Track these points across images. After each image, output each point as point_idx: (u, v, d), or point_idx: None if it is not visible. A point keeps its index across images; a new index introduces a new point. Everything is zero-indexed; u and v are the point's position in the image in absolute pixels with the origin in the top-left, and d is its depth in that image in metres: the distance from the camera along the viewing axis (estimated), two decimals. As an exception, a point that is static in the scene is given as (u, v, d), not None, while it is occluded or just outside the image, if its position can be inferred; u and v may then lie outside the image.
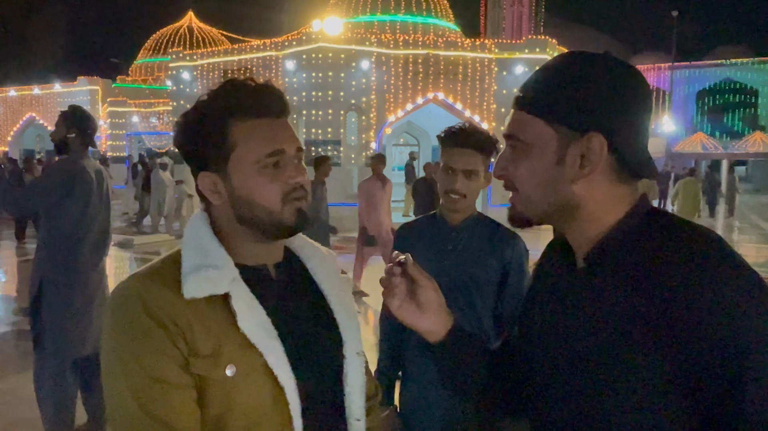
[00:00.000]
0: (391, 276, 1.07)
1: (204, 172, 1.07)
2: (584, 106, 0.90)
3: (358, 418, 1.17)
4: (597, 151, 0.89)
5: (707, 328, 0.79)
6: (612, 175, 0.92)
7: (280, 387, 1.02)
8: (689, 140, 35.34)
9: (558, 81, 0.92)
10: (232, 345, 1.00)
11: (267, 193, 1.05)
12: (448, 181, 2.00)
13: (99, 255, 3.46)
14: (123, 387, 0.97)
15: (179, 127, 1.09)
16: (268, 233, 1.09)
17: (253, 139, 1.05)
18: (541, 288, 1.08)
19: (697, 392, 0.81)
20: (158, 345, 0.97)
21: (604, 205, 0.93)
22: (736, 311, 0.78)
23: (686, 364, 0.81)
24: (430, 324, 1.09)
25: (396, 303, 1.07)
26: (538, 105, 0.93)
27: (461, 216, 2.07)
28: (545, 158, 0.93)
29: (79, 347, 3.33)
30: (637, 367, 0.84)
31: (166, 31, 35.83)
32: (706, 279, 0.80)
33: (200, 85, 16.99)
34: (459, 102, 14.81)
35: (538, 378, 1.02)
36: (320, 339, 1.15)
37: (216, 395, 0.99)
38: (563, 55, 0.95)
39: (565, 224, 0.97)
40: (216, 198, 1.07)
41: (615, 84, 0.90)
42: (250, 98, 1.06)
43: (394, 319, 1.06)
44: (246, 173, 1.05)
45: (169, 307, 0.98)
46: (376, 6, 18.16)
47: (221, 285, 1.02)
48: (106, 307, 1.04)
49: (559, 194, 0.93)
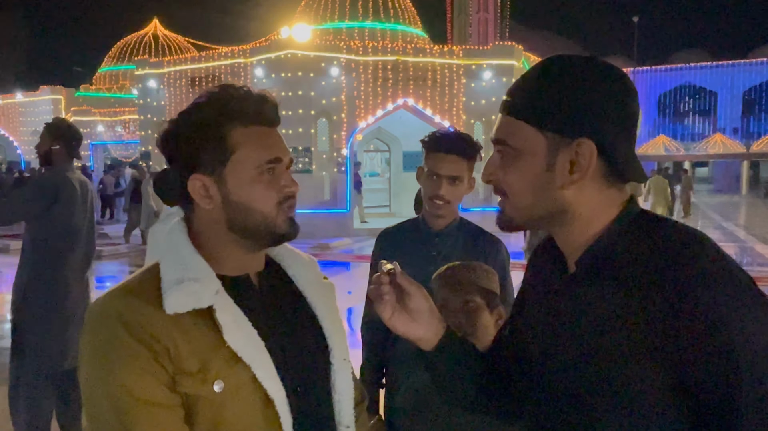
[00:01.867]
0: (380, 285, 1.05)
1: (196, 175, 1.04)
2: (573, 112, 0.89)
3: (347, 425, 1.16)
4: (587, 157, 0.89)
5: (700, 332, 0.78)
6: (601, 180, 0.92)
7: (269, 400, 1.01)
8: (652, 143, 36.13)
9: (546, 86, 0.92)
10: (219, 360, 0.98)
11: (263, 199, 1.05)
12: (433, 186, 1.99)
13: (83, 268, 3.44)
14: (106, 408, 0.93)
15: (170, 130, 1.07)
16: (259, 240, 1.08)
17: (253, 144, 1.05)
18: (531, 292, 1.08)
19: (690, 396, 0.81)
20: (142, 365, 0.93)
21: (594, 209, 0.93)
22: (729, 314, 0.78)
23: (679, 368, 0.80)
24: (423, 332, 1.07)
25: (387, 313, 1.06)
26: (527, 110, 0.93)
27: (445, 221, 2.06)
28: (535, 164, 0.92)
29: (59, 361, 3.28)
30: (630, 372, 0.84)
31: (130, 39, 35.19)
32: (698, 283, 0.80)
33: (167, 92, 16.74)
34: (429, 108, 14.89)
35: (531, 381, 1.01)
36: (307, 348, 1.13)
37: (205, 412, 0.97)
38: (550, 59, 0.95)
39: (556, 229, 0.97)
40: (206, 202, 1.05)
41: (603, 89, 0.90)
42: (251, 104, 1.06)
43: (377, 327, 1.05)
44: (244, 178, 1.04)
45: (151, 324, 0.95)
46: (344, 13, 18.19)
47: (204, 298, 0.99)
48: (83, 326, 0.99)
49: (548, 200, 0.93)
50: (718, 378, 0.78)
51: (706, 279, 0.80)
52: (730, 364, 0.78)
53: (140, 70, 17.42)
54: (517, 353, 1.08)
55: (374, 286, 1.06)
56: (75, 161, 3.55)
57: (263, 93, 1.09)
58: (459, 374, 1.11)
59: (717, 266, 0.82)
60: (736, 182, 36.42)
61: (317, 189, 14.34)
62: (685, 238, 0.86)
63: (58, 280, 3.27)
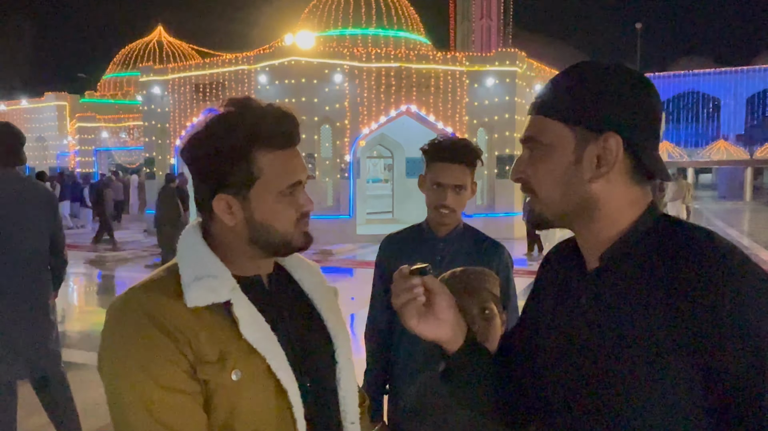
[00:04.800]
0: (411, 288, 1.04)
1: (221, 195, 1.10)
2: (600, 106, 0.92)
3: (352, 421, 1.22)
4: (613, 151, 0.91)
5: (727, 327, 0.80)
6: (628, 176, 0.94)
7: (283, 391, 1.06)
8: (656, 149, 36.01)
9: (573, 84, 0.95)
10: (236, 351, 1.04)
11: (284, 219, 1.12)
12: (438, 196, 2.01)
13: (26, 280, 3.28)
14: (132, 398, 0.98)
15: (200, 149, 1.10)
16: (275, 251, 1.15)
17: (277, 170, 1.10)
18: (546, 294, 1.09)
19: (716, 392, 0.82)
20: (166, 354, 0.99)
21: (621, 206, 0.95)
22: (756, 311, 0.80)
23: (706, 363, 0.81)
24: (452, 333, 1.07)
25: (415, 319, 1.04)
26: (556, 107, 0.96)
27: (449, 227, 2.09)
28: (563, 158, 0.95)
29: (5, 371, 3.20)
30: (655, 366, 0.84)
31: (135, 46, 35.39)
32: (725, 279, 0.82)
33: (172, 99, 16.80)
34: (432, 114, 14.92)
35: (545, 381, 1.02)
36: (315, 345, 1.20)
37: (222, 400, 1.02)
38: (578, 64, 0.99)
39: (582, 225, 0.98)
40: (229, 219, 1.10)
41: (629, 87, 0.93)
42: (275, 127, 1.10)
43: (381, 335, 1.04)
44: (267, 200, 1.10)
45: (174, 316, 1.01)
46: (347, 20, 18.27)
47: (222, 293, 1.05)
48: (105, 320, 1.05)
49: (577, 194, 0.95)
50: (744, 373, 0.80)
51: (732, 275, 0.82)
52: (757, 360, 0.79)
53: (145, 76, 17.49)
54: (530, 353, 1.09)
55: (400, 290, 1.04)
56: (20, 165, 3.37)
57: (288, 113, 1.13)
58: (482, 376, 1.12)
59: (742, 264, 0.84)
60: (740, 189, 36.34)
61: (320, 195, 14.36)
62: (710, 239, 0.88)
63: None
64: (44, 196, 3.42)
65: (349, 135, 14.69)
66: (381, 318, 2.17)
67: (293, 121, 1.13)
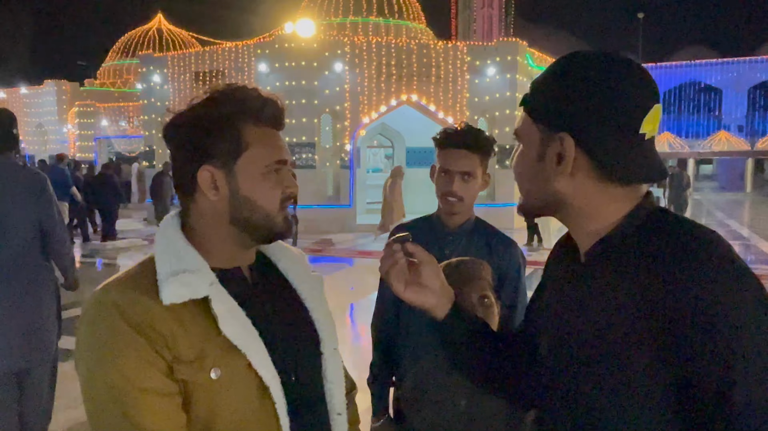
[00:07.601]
0: (391, 251, 1.09)
1: (206, 166, 1.07)
2: (557, 106, 0.92)
3: (339, 412, 1.20)
4: (568, 151, 0.91)
5: (701, 329, 0.79)
6: (595, 176, 0.92)
7: (264, 387, 1.03)
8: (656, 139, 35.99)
9: (545, 81, 0.96)
10: (215, 348, 1.00)
11: (268, 197, 1.09)
12: (445, 183, 1.97)
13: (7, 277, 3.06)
14: (106, 398, 0.95)
15: (184, 119, 1.09)
16: (256, 235, 1.12)
17: (264, 144, 1.09)
18: (547, 283, 1.11)
19: (686, 392, 0.82)
20: (140, 354, 0.96)
21: (596, 203, 0.94)
22: (730, 315, 0.79)
23: (678, 363, 0.81)
24: (437, 300, 1.12)
25: (401, 284, 1.10)
26: (531, 104, 0.97)
27: (459, 219, 2.03)
28: (531, 153, 0.97)
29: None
30: (632, 361, 0.85)
31: (134, 34, 35.24)
32: (702, 281, 0.81)
33: (171, 87, 16.74)
34: (432, 104, 14.86)
35: (542, 369, 1.04)
36: (299, 338, 1.17)
37: (201, 399, 0.99)
38: (566, 55, 0.97)
39: (564, 219, 0.99)
40: (213, 194, 1.08)
41: (594, 83, 0.90)
42: (262, 106, 1.10)
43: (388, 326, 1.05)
44: (253, 174, 1.08)
45: (148, 314, 0.97)
46: (348, 8, 18.17)
47: (200, 289, 1.01)
48: (80, 317, 1.02)
49: (542, 190, 0.96)
50: (713, 377, 0.79)
51: (711, 278, 0.80)
52: (728, 362, 0.78)
53: (144, 65, 17.42)
54: (531, 340, 1.11)
55: (384, 252, 1.11)
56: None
57: (275, 97, 1.13)
58: (472, 343, 1.15)
59: (725, 267, 0.82)
60: (741, 180, 36.29)
61: (320, 184, 14.36)
62: (698, 237, 0.86)
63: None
64: (27, 180, 3.11)
65: (350, 125, 14.65)
66: (389, 308, 2.12)
67: (279, 105, 1.13)
